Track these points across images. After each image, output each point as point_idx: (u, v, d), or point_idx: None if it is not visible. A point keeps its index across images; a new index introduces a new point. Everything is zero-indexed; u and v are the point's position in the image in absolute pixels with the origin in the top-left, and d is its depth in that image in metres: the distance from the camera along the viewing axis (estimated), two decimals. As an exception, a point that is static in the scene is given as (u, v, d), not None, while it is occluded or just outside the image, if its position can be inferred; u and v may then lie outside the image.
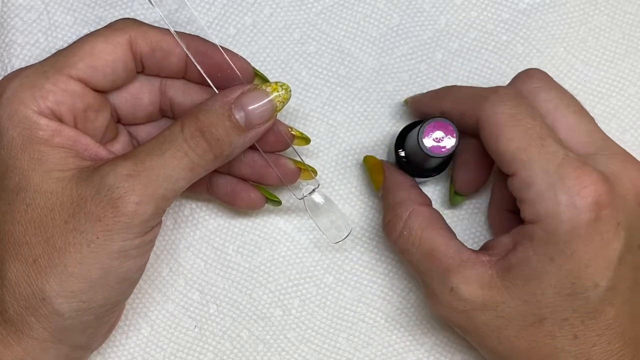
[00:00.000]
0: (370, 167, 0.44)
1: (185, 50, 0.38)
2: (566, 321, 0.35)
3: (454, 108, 0.40)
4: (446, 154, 0.39)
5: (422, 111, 0.44)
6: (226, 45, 0.45)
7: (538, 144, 0.36)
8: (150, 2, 0.38)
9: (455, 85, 0.43)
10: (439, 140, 0.39)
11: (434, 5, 0.48)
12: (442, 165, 0.44)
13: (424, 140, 0.39)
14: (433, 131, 0.39)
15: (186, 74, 0.40)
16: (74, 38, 0.45)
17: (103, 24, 0.45)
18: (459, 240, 0.39)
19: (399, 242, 0.40)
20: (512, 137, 0.36)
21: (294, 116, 0.47)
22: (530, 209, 0.36)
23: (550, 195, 0.35)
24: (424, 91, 0.44)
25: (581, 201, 0.34)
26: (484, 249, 0.39)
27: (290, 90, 0.37)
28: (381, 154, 0.47)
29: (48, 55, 0.44)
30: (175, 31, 0.38)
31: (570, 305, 0.35)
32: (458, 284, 0.37)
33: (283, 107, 0.37)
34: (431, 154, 0.39)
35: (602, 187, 0.35)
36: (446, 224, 0.40)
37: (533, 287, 0.35)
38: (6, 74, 0.45)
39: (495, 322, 0.37)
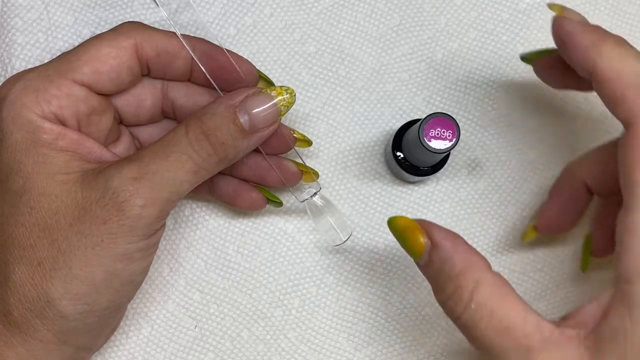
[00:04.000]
0: (403, 231, 0.35)
1: (191, 54, 0.38)
2: None
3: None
4: (447, 150, 0.39)
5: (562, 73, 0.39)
6: (226, 46, 0.45)
7: None
8: (156, 3, 0.38)
9: None
10: (439, 136, 0.39)
11: (434, 5, 0.48)
12: (441, 162, 0.44)
13: (425, 136, 0.39)
14: (434, 127, 0.39)
15: (191, 77, 0.40)
16: (74, 38, 0.45)
17: (103, 24, 0.45)
18: (535, 311, 0.32)
19: (464, 317, 0.32)
20: None
21: (294, 116, 0.47)
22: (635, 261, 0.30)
23: None
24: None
25: None
26: (566, 318, 0.33)
27: (294, 95, 0.37)
28: (381, 154, 0.47)
29: (48, 55, 0.45)
30: (181, 34, 0.38)
31: None
32: None
33: (287, 111, 0.37)
34: (433, 150, 0.39)
35: None
36: (515, 292, 0.33)
37: None
38: (6, 73, 0.44)
39: None
